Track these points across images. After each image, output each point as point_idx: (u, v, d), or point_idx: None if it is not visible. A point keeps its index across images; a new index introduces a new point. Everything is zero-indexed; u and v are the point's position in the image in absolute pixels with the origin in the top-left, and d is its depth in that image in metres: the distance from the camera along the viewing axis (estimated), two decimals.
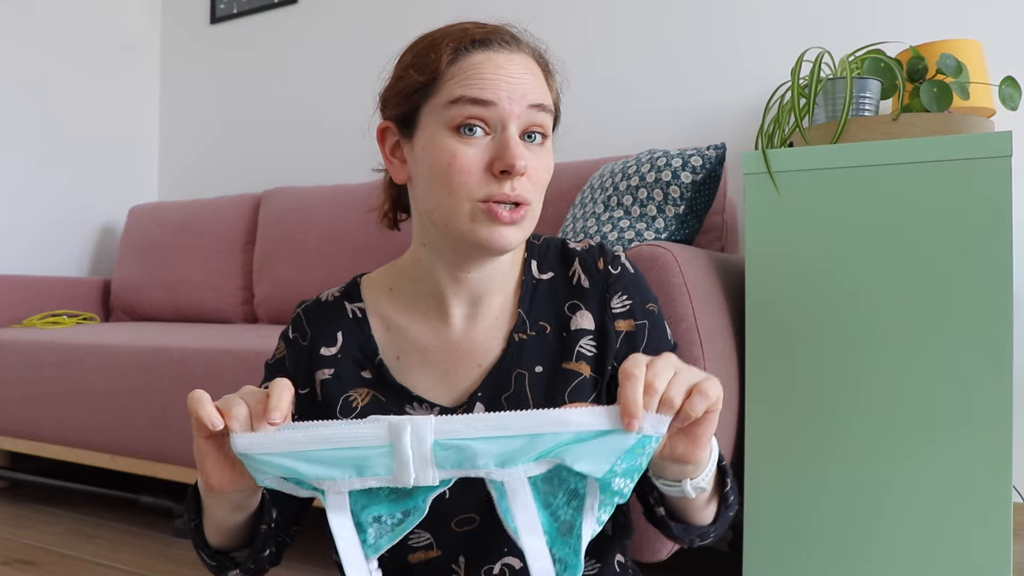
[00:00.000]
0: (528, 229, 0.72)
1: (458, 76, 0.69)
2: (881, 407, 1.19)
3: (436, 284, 0.77)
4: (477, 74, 0.68)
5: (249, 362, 1.65)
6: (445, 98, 0.69)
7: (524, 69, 0.70)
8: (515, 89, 0.68)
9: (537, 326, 0.78)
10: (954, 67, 1.30)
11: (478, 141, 0.68)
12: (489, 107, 0.68)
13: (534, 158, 0.70)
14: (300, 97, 2.81)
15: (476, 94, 0.68)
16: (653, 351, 0.78)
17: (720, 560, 1.54)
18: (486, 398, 0.76)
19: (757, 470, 1.27)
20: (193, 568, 1.61)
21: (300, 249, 2.39)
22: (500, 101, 0.68)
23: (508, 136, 0.68)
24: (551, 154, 0.73)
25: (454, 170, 0.68)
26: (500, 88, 0.68)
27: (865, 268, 1.20)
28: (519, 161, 0.67)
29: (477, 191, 0.68)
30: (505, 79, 0.68)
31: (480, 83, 0.68)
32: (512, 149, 0.67)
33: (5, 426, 2.08)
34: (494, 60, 0.69)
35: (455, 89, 0.69)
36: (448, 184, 0.68)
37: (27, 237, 2.72)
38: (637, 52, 2.18)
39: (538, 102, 0.70)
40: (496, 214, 0.68)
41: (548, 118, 0.72)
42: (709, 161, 1.37)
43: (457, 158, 0.68)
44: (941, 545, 1.14)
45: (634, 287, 0.79)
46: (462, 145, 0.68)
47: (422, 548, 0.77)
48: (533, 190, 0.70)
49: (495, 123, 0.68)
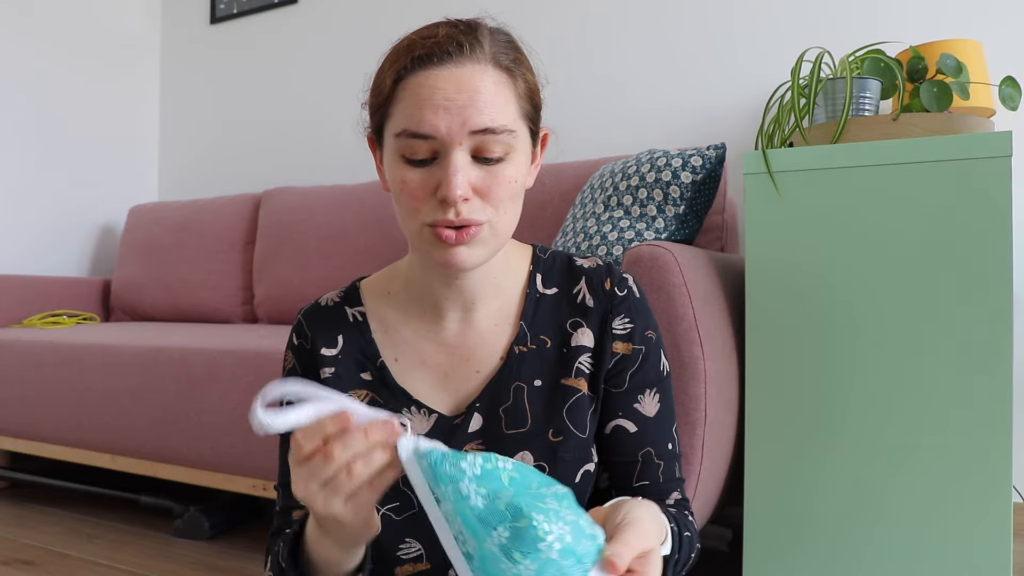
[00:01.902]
0: (488, 244, 0.70)
1: (402, 102, 0.68)
2: (881, 406, 1.19)
3: (430, 288, 0.77)
4: (415, 102, 0.66)
5: (249, 362, 1.65)
6: (393, 127, 0.69)
7: (469, 86, 0.66)
8: (454, 116, 0.65)
9: (538, 340, 0.78)
10: (954, 67, 1.30)
11: (426, 168, 0.68)
12: (429, 139, 0.66)
13: (488, 177, 0.68)
14: (300, 97, 2.81)
15: (414, 128, 0.66)
16: (643, 377, 0.79)
17: (720, 560, 1.54)
18: (484, 408, 0.77)
19: (757, 470, 1.27)
20: (193, 568, 1.61)
21: (300, 249, 2.39)
22: (438, 133, 0.66)
23: (448, 163, 0.66)
24: (516, 165, 0.70)
25: (404, 195, 0.69)
26: (437, 117, 0.65)
27: (865, 268, 1.20)
28: (455, 191, 0.65)
29: (426, 216, 0.68)
30: (443, 104, 0.66)
31: (418, 115, 0.66)
32: (449, 179, 0.66)
33: (5, 426, 2.08)
34: (433, 82, 0.66)
35: (399, 120, 0.68)
36: (403, 207, 0.70)
37: (27, 237, 2.72)
38: (637, 52, 2.18)
39: (481, 127, 0.66)
40: (441, 236, 0.68)
41: (501, 139, 0.67)
42: (709, 161, 1.37)
43: (406, 184, 0.68)
44: (941, 545, 1.14)
45: (637, 311, 0.80)
46: (410, 171, 0.68)
47: (411, 560, 0.77)
48: (487, 208, 0.68)
49: (439, 149, 0.67)
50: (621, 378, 0.79)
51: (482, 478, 0.53)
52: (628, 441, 0.79)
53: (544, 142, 0.77)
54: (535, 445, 0.75)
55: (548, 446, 0.75)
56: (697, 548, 0.79)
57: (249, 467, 1.64)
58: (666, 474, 0.80)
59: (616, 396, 0.79)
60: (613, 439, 0.79)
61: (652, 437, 0.79)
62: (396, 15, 2.58)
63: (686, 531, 0.75)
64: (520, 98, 0.70)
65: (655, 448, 0.79)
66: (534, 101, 0.73)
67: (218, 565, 1.63)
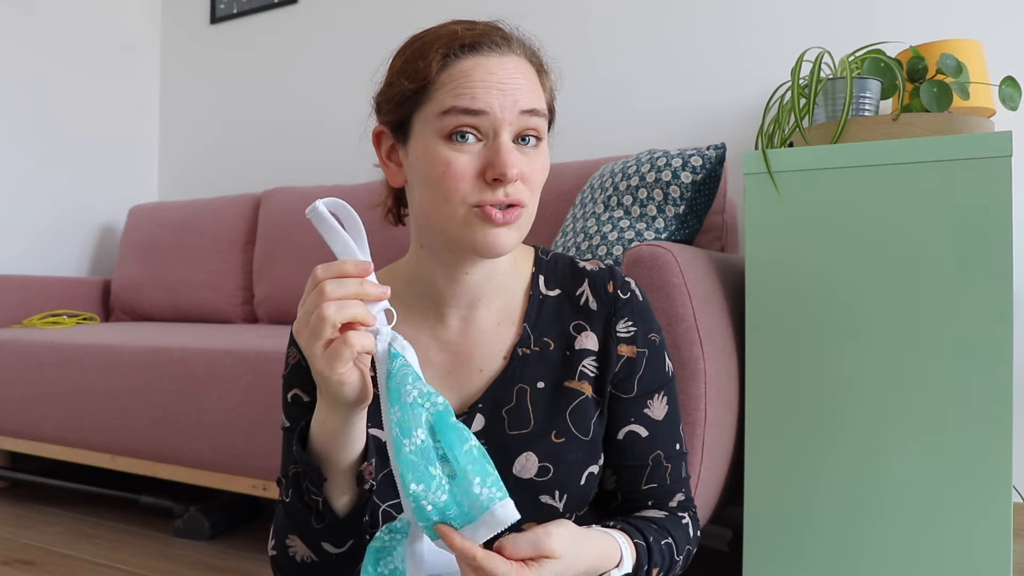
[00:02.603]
0: (523, 230, 0.72)
1: (448, 84, 0.68)
2: (881, 407, 1.19)
3: (433, 285, 0.77)
4: (467, 82, 0.68)
5: (249, 362, 1.65)
6: (437, 108, 0.69)
7: (516, 72, 0.70)
8: (507, 96, 0.68)
9: (541, 342, 0.79)
10: (954, 67, 1.30)
11: (471, 148, 0.68)
12: (480, 116, 0.68)
13: (528, 161, 0.70)
14: (300, 97, 2.81)
15: (467, 104, 0.67)
16: (649, 380, 0.80)
17: (720, 560, 1.54)
18: (487, 409, 0.77)
19: (757, 470, 1.27)
20: (193, 568, 1.61)
21: (300, 249, 2.39)
22: (492, 110, 0.67)
23: (500, 143, 0.68)
24: (546, 155, 0.73)
25: (448, 177, 0.68)
26: (491, 96, 0.68)
27: (865, 268, 1.20)
28: (511, 169, 0.67)
29: (471, 197, 0.68)
30: (496, 86, 0.68)
31: (471, 92, 0.68)
32: (504, 157, 0.67)
33: (5, 426, 2.08)
34: (484, 65, 0.69)
35: (446, 99, 0.68)
36: (443, 190, 0.69)
37: (27, 237, 2.72)
38: (637, 52, 2.18)
39: (530, 107, 0.69)
40: (490, 215, 0.68)
41: (541, 121, 0.71)
42: (709, 161, 1.37)
43: (451, 166, 0.68)
44: (941, 545, 1.14)
45: (640, 314, 0.80)
46: (455, 152, 0.68)
47: None
48: (528, 192, 0.70)
49: (487, 130, 0.68)
50: (629, 383, 0.79)
51: (408, 407, 0.61)
52: (639, 446, 0.80)
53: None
54: (538, 447, 0.75)
55: (551, 448, 0.75)
56: (688, 551, 0.80)
57: (249, 467, 1.64)
58: (673, 475, 0.81)
59: (626, 402, 0.79)
60: (625, 444, 0.80)
61: (662, 440, 0.81)
62: (396, 15, 2.58)
63: (665, 539, 0.76)
64: (547, 94, 0.75)
65: (664, 451, 0.81)
66: (552, 104, 0.77)
67: (218, 565, 1.63)
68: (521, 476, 0.75)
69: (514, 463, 0.75)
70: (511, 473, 0.75)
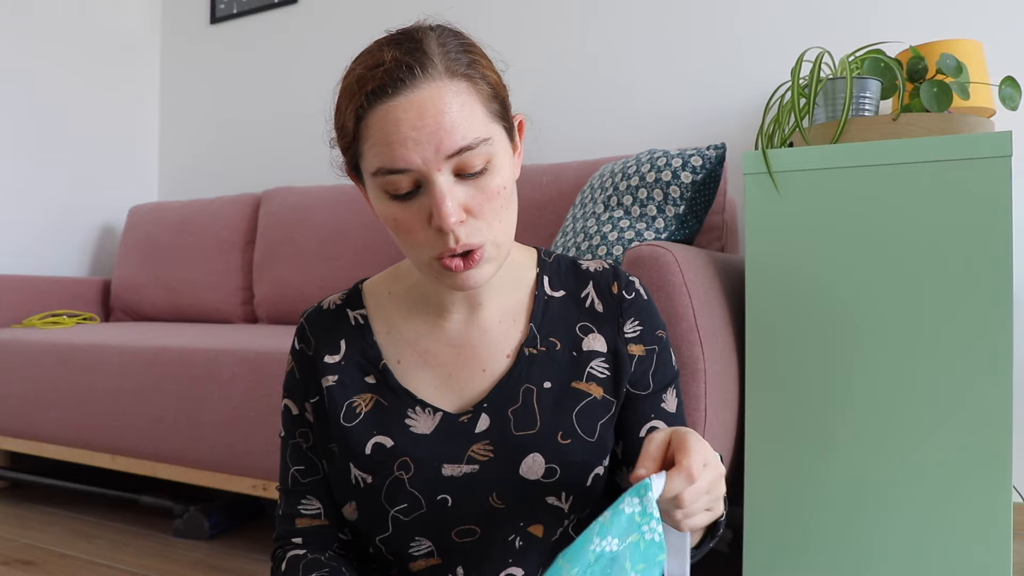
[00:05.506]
0: (498, 259, 0.70)
1: (369, 140, 0.65)
2: (881, 407, 1.19)
3: (435, 288, 0.77)
4: (382, 138, 0.64)
5: (249, 362, 1.65)
6: (368, 166, 0.67)
7: (432, 108, 0.63)
8: (426, 146, 0.63)
9: (547, 342, 0.79)
10: (954, 67, 1.30)
11: (412, 201, 0.66)
12: (406, 173, 0.64)
13: (476, 193, 0.66)
14: (300, 97, 2.81)
15: (389, 164, 0.64)
16: (661, 375, 0.80)
17: (720, 560, 1.54)
18: (492, 409, 0.76)
19: (757, 470, 1.27)
20: (193, 568, 1.61)
21: (300, 249, 2.39)
22: (413, 165, 0.64)
23: (433, 193, 0.64)
24: (502, 172, 0.68)
25: (400, 231, 0.68)
26: (408, 150, 0.63)
27: (865, 268, 1.20)
28: (448, 219, 0.64)
29: (427, 250, 0.67)
30: (411, 136, 0.63)
31: (388, 151, 0.64)
32: (440, 208, 0.64)
33: (5, 426, 2.08)
34: (394, 115, 0.63)
35: (372, 159, 0.66)
36: (402, 242, 0.69)
37: (27, 237, 2.72)
38: (637, 52, 2.18)
39: (456, 148, 0.64)
40: (449, 266, 0.67)
41: (481, 149, 0.65)
42: (709, 161, 1.37)
43: (399, 221, 0.67)
44: (941, 545, 1.14)
45: (646, 313, 0.81)
46: (399, 208, 0.67)
47: (423, 556, 0.77)
48: (482, 227, 0.67)
49: (421, 179, 0.65)
50: (644, 381, 0.80)
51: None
52: None
53: (521, 129, 0.75)
54: (545, 448, 0.75)
55: (557, 449, 0.75)
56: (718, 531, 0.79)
57: (249, 467, 1.64)
58: None
59: (644, 399, 0.80)
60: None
61: None
62: (396, 15, 2.57)
63: None
64: (486, 101, 0.67)
65: None
66: (500, 97, 0.70)
67: (218, 565, 1.63)
68: (528, 477, 0.74)
69: (520, 464, 0.75)
70: (517, 474, 0.75)
